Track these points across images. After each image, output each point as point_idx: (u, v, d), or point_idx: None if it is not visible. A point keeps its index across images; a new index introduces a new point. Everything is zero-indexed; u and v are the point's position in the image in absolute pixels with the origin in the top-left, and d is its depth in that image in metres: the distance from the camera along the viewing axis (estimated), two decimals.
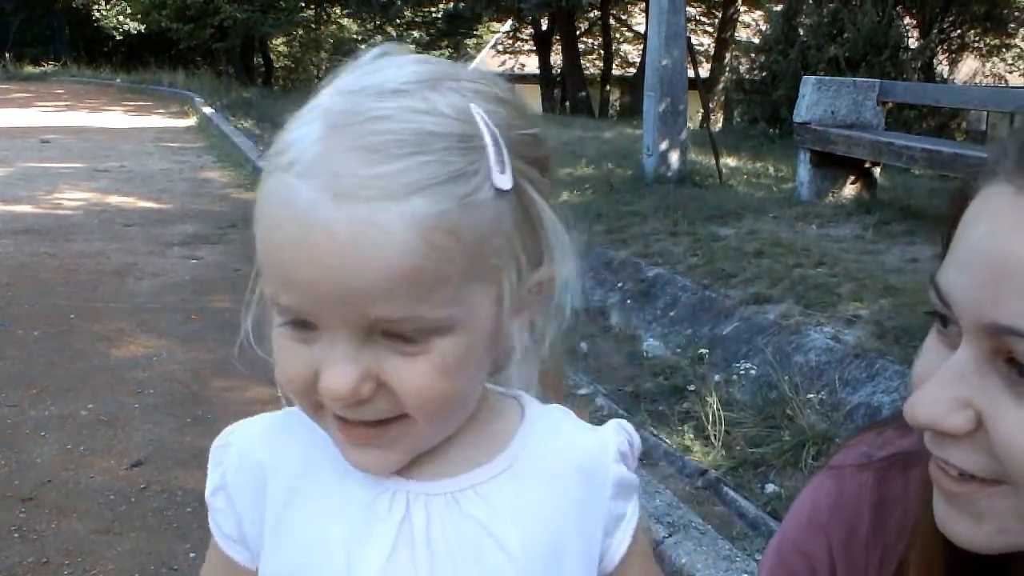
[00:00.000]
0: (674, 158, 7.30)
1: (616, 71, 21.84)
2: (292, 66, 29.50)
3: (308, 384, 0.60)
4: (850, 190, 6.35)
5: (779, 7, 11.62)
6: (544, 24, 20.69)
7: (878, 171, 6.43)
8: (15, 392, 3.80)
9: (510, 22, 22.70)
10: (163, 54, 25.55)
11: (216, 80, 21.42)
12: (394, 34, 24.67)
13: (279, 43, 27.81)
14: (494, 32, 26.30)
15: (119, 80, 23.84)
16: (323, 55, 28.96)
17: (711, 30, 20.75)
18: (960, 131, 11.69)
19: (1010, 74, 14.59)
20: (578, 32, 20.89)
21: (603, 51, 21.11)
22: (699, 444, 3.17)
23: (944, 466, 0.59)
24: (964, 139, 11.39)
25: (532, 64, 22.48)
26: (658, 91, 7.22)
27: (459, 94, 0.59)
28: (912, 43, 10.81)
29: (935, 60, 11.36)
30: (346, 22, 26.73)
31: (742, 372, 3.67)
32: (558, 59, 20.88)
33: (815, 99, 6.33)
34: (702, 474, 3.00)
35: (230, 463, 0.69)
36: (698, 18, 20.46)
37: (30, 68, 26.06)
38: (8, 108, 16.33)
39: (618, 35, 22.58)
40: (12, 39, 27.19)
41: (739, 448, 3.11)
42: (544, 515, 0.67)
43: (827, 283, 4.18)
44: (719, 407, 3.23)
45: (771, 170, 8.10)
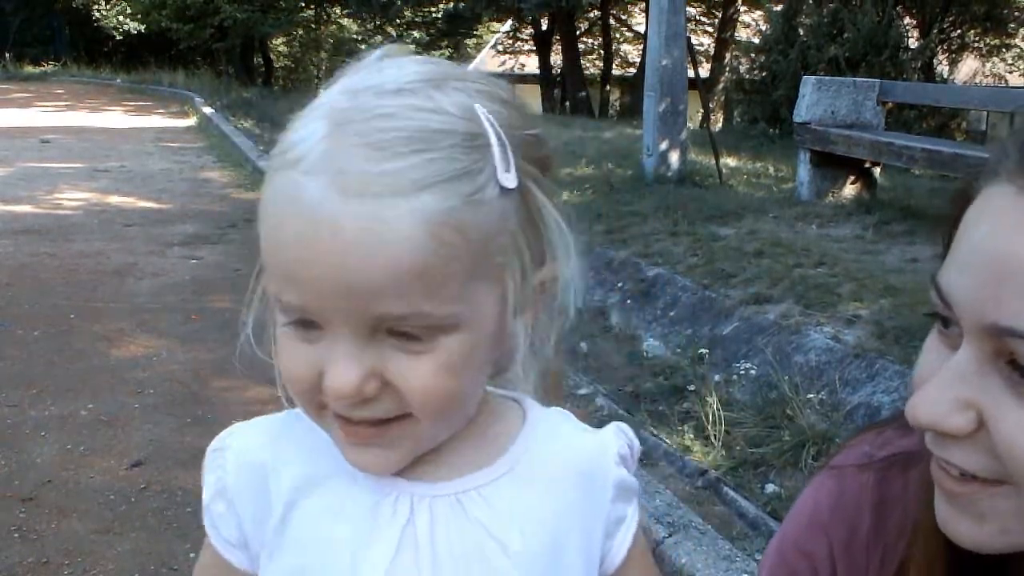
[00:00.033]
0: (674, 158, 7.30)
1: (616, 71, 21.84)
2: (292, 66, 29.52)
3: (312, 384, 0.60)
4: (850, 190, 6.35)
5: (779, 7, 11.62)
6: (544, 24, 20.69)
7: (878, 171, 6.43)
8: (15, 392, 3.80)
9: (510, 22, 22.70)
10: (163, 54, 25.55)
11: (216, 80, 21.42)
12: (394, 34, 24.67)
13: (279, 43, 27.81)
14: (494, 32, 26.30)
15: (119, 80, 23.84)
16: (323, 55, 28.96)
17: (711, 30, 20.75)
18: (960, 131, 11.69)
19: (1010, 74, 14.59)
20: (578, 32, 20.89)
21: (603, 51, 21.11)
22: (699, 444, 3.17)
23: (946, 466, 0.59)
24: (964, 139, 11.39)
25: (532, 64, 22.48)
26: (658, 91, 7.22)
27: (464, 94, 0.60)
28: (912, 43, 10.82)
29: (935, 60, 11.36)
30: (346, 22, 26.74)
31: (742, 372, 3.67)
32: (558, 59, 20.88)
33: (815, 99, 6.33)
34: (702, 474, 3.00)
35: (228, 467, 0.69)
36: (698, 18, 20.46)
37: (30, 68, 26.06)
38: (8, 108, 16.33)
39: (618, 35, 22.58)
40: (12, 39, 27.19)
41: (739, 448, 3.11)
42: (545, 517, 0.67)
43: (827, 283, 4.18)
44: (719, 407, 3.23)
45: (771, 170, 8.09)
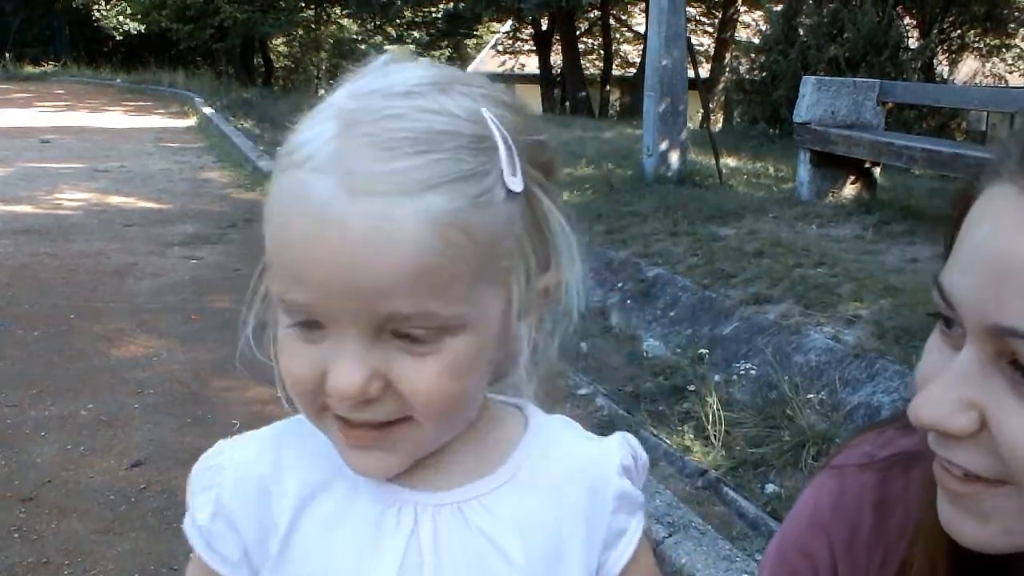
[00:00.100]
0: (674, 158, 7.30)
1: (616, 71, 21.84)
2: (292, 66, 29.52)
3: (314, 385, 0.60)
4: (850, 190, 6.35)
5: (779, 7, 11.62)
6: (544, 24, 20.70)
7: (878, 171, 6.43)
8: (15, 392, 3.79)
9: (510, 22, 22.71)
10: (163, 54, 25.55)
11: (216, 80, 21.41)
12: (394, 34, 24.71)
13: (279, 43, 27.81)
14: (494, 32, 26.31)
15: (119, 80, 23.82)
16: (323, 55, 28.98)
17: (711, 30, 20.75)
18: (960, 131, 11.69)
19: (1010, 74, 14.59)
20: (578, 32, 20.90)
21: (603, 51, 21.12)
22: (699, 444, 3.17)
23: (948, 467, 0.59)
24: (964, 139, 11.40)
25: (532, 64, 22.49)
26: (658, 91, 7.22)
27: (469, 98, 0.60)
28: (912, 43, 10.82)
29: (935, 60, 11.36)
30: (346, 22, 26.74)
31: (742, 372, 3.67)
32: (558, 59, 20.89)
33: (815, 99, 6.33)
34: (702, 474, 3.00)
35: (225, 484, 0.67)
36: (698, 18, 20.46)
37: (30, 68, 26.04)
38: (8, 108, 16.32)
39: (618, 35, 22.59)
40: (12, 39, 27.19)
41: (739, 448, 3.11)
42: (547, 525, 0.67)
43: (827, 283, 4.18)
44: (719, 407, 3.23)
45: (771, 170, 8.09)
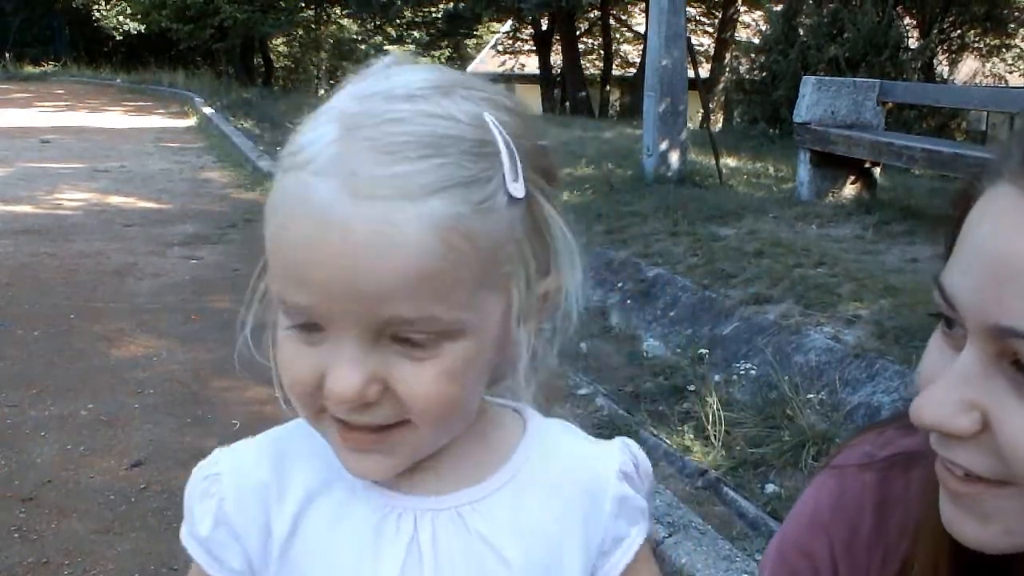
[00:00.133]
0: (674, 158, 7.30)
1: (616, 71, 21.84)
2: (292, 66, 29.51)
3: (313, 387, 0.59)
4: (850, 190, 6.35)
5: (779, 7, 11.62)
6: (544, 24, 20.70)
7: (878, 171, 6.43)
8: (15, 392, 3.79)
9: (510, 22, 22.71)
10: (163, 54, 25.54)
11: (216, 80, 21.40)
12: (394, 34, 24.71)
13: (279, 43, 27.80)
14: (494, 32, 26.31)
15: (119, 80, 23.81)
16: (323, 55, 28.96)
17: (711, 30, 20.75)
18: (960, 131, 11.69)
19: (1010, 74, 14.59)
20: (578, 32, 20.90)
21: (603, 51, 21.11)
22: (699, 444, 3.17)
23: (950, 467, 0.59)
24: (964, 139, 11.40)
25: (532, 64, 22.49)
26: (658, 91, 7.22)
27: (472, 101, 0.60)
28: (912, 43, 10.81)
29: (935, 60, 11.36)
30: (346, 22, 26.73)
31: (742, 372, 3.66)
32: (558, 59, 20.88)
33: (815, 99, 6.33)
34: (702, 474, 3.00)
35: (225, 493, 0.67)
36: (698, 18, 20.46)
37: (30, 68, 26.03)
38: (8, 108, 16.32)
39: (618, 35, 22.58)
40: (12, 39, 27.18)
41: (739, 448, 3.11)
42: (545, 529, 0.68)
43: (827, 283, 4.18)
44: (719, 407, 3.23)
45: (771, 170, 8.09)
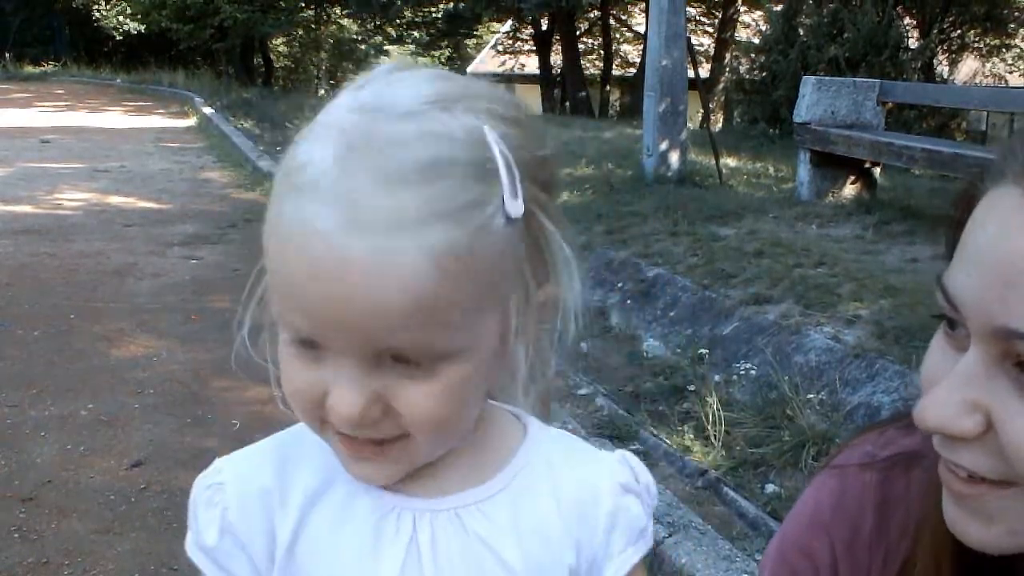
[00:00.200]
0: (674, 158, 7.30)
1: (616, 71, 21.83)
2: (292, 66, 29.49)
3: (315, 402, 0.60)
4: (850, 190, 6.35)
5: (779, 7, 11.62)
6: (544, 24, 20.70)
7: (878, 171, 6.43)
8: (15, 392, 3.79)
9: (510, 22, 22.70)
10: (163, 54, 25.53)
11: (216, 80, 21.40)
12: (394, 34, 24.70)
13: (279, 43, 27.78)
14: (494, 32, 26.31)
15: (119, 80, 23.80)
16: (323, 55, 28.96)
17: (711, 30, 20.74)
18: (960, 131, 11.69)
19: (1010, 74, 14.58)
20: (578, 32, 20.89)
21: (603, 51, 21.11)
22: (699, 444, 3.17)
23: (954, 468, 0.59)
24: (964, 139, 11.40)
25: (532, 64, 22.49)
26: (658, 91, 7.22)
27: (473, 115, 0.58)
28: (912, 43, 10.81)
29: (935, 60, 11.36)
30: (346, 22, 26.72)
31: (742, 372, 3.66)
32: (558, 59, 20.88)
33: (815, 99, 6.33)
34: (702, 474, 3.00)
35: (229, 501, 0.67)
36: (698, 18, 20.46)
37: (30, 68, 26.02)
38: (8, 108, 16.31)
39: (618, 35, 22.58)
40: (12, 39, 27.17)
41: (739, 448, 3.11)
42: (544, 533, 0.68)
43: (827, 283, 4.18)
44: (719, 407, 3.23)
45: (771, 170, 8.09)
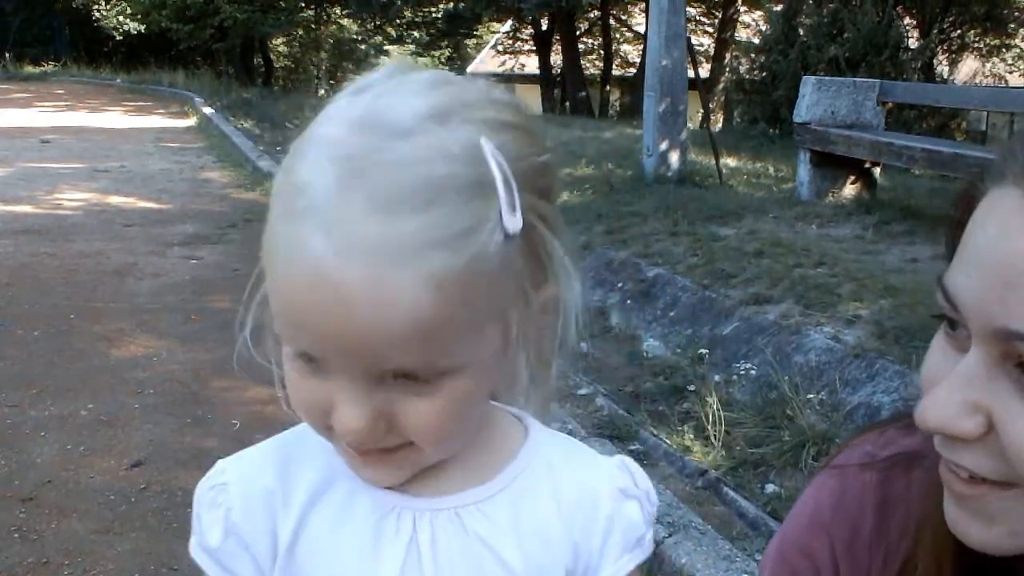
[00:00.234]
0: (674, 158, 7.30)
1: (616, 71, 21.84)
2: (292, 66, 29.48)
3: (321, 413, 0.61)
4: (850, 190, 6.35)
5: (779, 7, 11.62)
6: (544, 24, 20.70)
7: (878, 171, 6.43)
8: (15, 392, 3.79)
9: (510, 22, 22.71)
10: (163, 54, 25.52)
11: (216, 80, 21.39)
12: (394, 34, 24.69)
13: (279, 43, 27.78)
14: (494, 32, 26.31)
15: (119, 80, 23.79)
16: (323, 55, 28.95)
17: (711, 30, 20.74)
18: (960, 131, 11.69)
19: (1010, 74, 14.58)
20: (578, 32, 20.89)
21: (603, 51, 21.11)
22: (699, 444, 3.17)
23: (955, 469, 0.59)
24: (964, 139, 11.40)
25: (532, 64, 22.48)
26: (658, 91, 7.22)
27: (470, 127, 0.58)
28: (912, 43, 10.81)
29: (935, 60, 11.36)
30: (346, 22, 26.71)
31: (742, 372, 3.66)
32: (558, 59, 20.88)
33: (815, 99, 6.33)
34: (702, 474, 3.00)
35: (232, 502, 0.68)
36: (698, 18, 20.45)
37: (30, 68, 25.99)
38: (8, 108, 16.30)
39: (618, 35, 22.58)
40: (12, 39, 27.15)
41: (739, 448, 3.11)
42: (544, 534, 0.68)
43: (827, 283, 4.18)
44: (719, 407, 3.23)
45: (771, 170, 8.09)
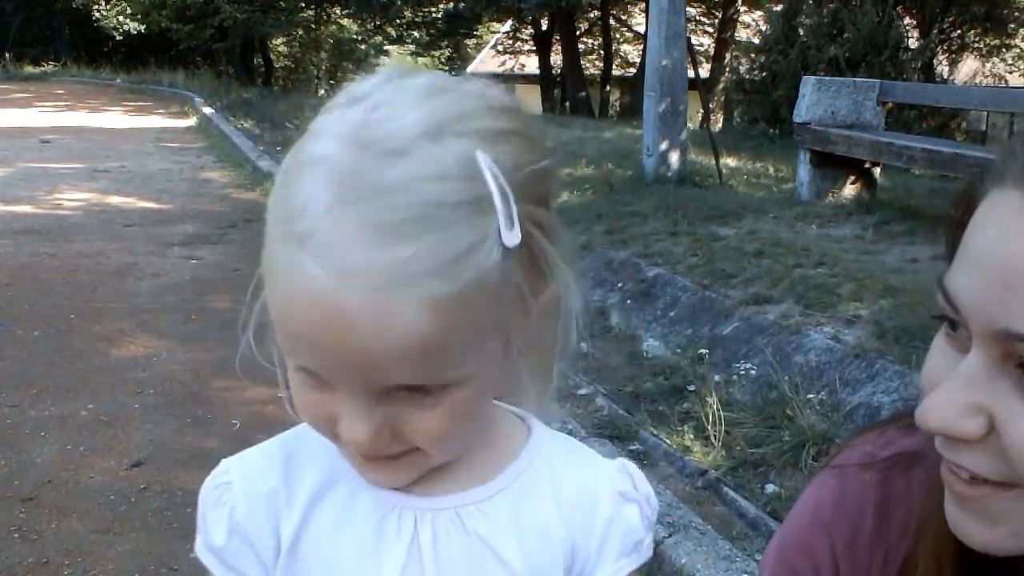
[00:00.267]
0: (674, 158, 7.30)
1: (616, 71, 21.83)
2: (292, 66, 29.47)
3: (326, 422, 0.61)
4: (850, 190, 6.35)
5: (779, 7, 11.62)
6: (544, 24, 20.70)
7: (878, 171, 6.42)
8: (15, 392, 3.79)
9: (510, 22, 22.71)
10: (163, 54, 25.51)
11: (216, 80, 21.39)
12: (394, 34, 24.69)
13: (279, 43, 27.77)
14: (494, 32, 26.31)
15: (119, 80, 23.78)
16: (323, 55, 28.94)
17: (711, 30, 20.75)
18: (960, 131, 11.69)
19: (1010, 74, 14.58)
20: (578, 32, 20.90)
21: (603, 51, 21.11)
22: (699, 444, 3.17)
23: (956, 470, 0.59)
24: (964, 139, 11.40)
25: (532, 64, 22.49)
26: (658, 91, 7.22)
27: (465, 140, 0.57)
28: (912, 43, 10.81)
29: (935, 60, 11.36)
30: (346, 22, 26.70)
31: (742, 372, 3.66)
32: (558, 59, 20.89)
33: (815, 99, 6.33)
34: (702, 474, 3.00)
35: (236, 501, 0.68)
36: (698, 18, 20.46)
37: (30, 68, 25.99)
38: (8, 108, 16.30)
39: (618, 35, 22.58)
40: (12, 39, 27.15)
41: (739, 448, 3.11)
42: (545, 534, 0.68)
43: (827, 283, 4.18)
44: (719, 407, 3.23)
45: (771, 170, 8.09)
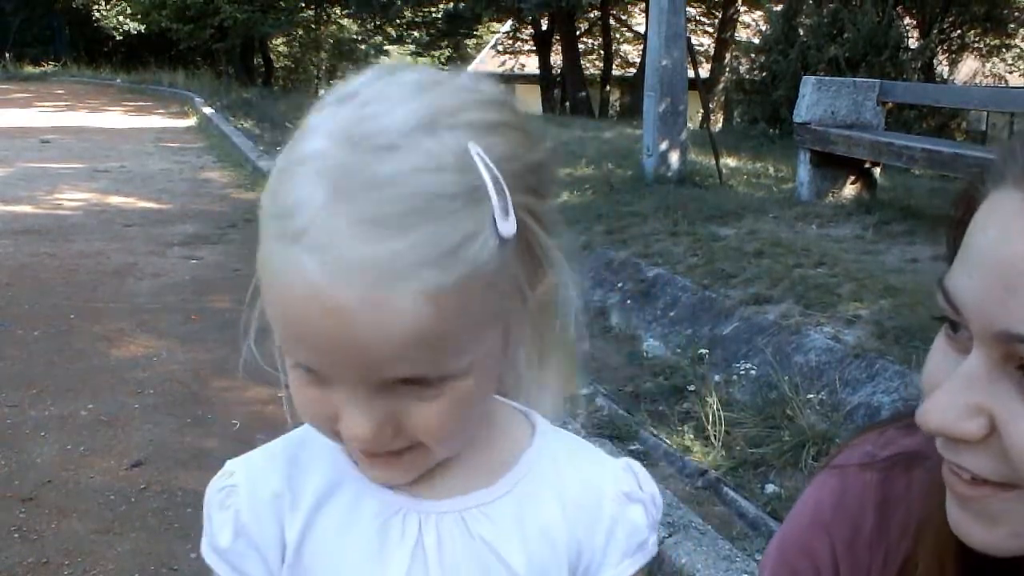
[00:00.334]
0: (674, 158, 7.30)
1: (616, 71, 21.84)
2: (292, 66, 29.47)
3: (327, 420, 0.61)
4: (850, 190, 6.35)
5: (779, 7, 11.62)
6: (544, 24, 20.71)
7: (878, 171, 6.42)
8: (15, 392, 3.79)
9: (510, 22, 22.71)
10: (163, 54, 25.52)
11: (216, 80, 21.39)
12: (394, 34, 24.70)
13: (279, 43, 27.77)
14: (494, 32, 26.31)
15: (119, 80, 23.79)
16: (323, 55, 28.94)
17: (711, 30, 20.75)
18: (960, 131, 11.69)
19: (1010, 74, 14.59)
20: (578, 32, 20.90)
21: (603, 51, 21.11)
22: (699, 444, 3.17)
23: (957, 471, 0.59)
24: (964, 139, 11.40)
25: (532, 64, 22.49)
26: (658, 91, 7.22)
27: (458, 132, 0.57)
28: (912, 43, 10.81)
29: (935, 60, 11.36)
30: (346, 22, 26.70)
31: (742, 372, 3.66)
32: (558, 59, 20.89)
33: (815, 99, 6.33)
34: (702, 474, 3.00)
35: (241, 503, 0.68)
36: (698, 18, 20.46)
37: (30, 68, 25.99)
38: (8, 108, 16.31)
39: (618, 35, 22.58)
40: (12, 39, 27.15)
41: (739, 448, 3.11)
42: (548, 536, 0.68)
43: (827, 283, 4.18)
44: (719, 407, 3.23)
45: (771, 170, 8.09)
